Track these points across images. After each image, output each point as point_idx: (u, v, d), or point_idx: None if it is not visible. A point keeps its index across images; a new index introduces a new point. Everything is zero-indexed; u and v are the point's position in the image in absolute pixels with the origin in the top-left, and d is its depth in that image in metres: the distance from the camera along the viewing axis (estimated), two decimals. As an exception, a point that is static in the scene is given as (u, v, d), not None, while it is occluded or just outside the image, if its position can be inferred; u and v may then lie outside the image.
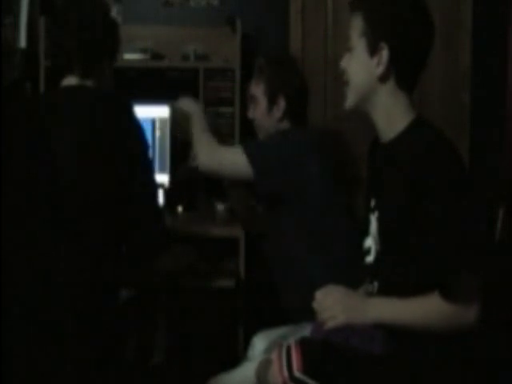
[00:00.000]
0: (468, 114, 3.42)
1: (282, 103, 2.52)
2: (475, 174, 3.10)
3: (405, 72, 1.79)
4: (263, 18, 3.43)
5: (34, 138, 1.84)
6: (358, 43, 1.80)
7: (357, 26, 1.80)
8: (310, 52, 3.42)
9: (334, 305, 1.77)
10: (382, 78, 1.78)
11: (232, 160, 2.39)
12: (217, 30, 3.34)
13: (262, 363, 1.90)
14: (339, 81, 1.88)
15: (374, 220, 1.82)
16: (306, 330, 2.22)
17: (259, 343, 2.35)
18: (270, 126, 2.54)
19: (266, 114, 2.55)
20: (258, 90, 2.56)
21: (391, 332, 1.70)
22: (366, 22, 1.78)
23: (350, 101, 1.84)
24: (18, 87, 3.06)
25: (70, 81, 2.20)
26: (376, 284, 1.82)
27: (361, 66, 1.80)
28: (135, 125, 2.18)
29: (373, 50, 1.77)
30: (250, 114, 2.63)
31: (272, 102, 2.53)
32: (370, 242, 1.84)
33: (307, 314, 2.24)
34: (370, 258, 1.84)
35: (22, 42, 3.13)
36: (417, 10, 1.79)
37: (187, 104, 2.54)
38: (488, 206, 1.86)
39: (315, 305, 1.82)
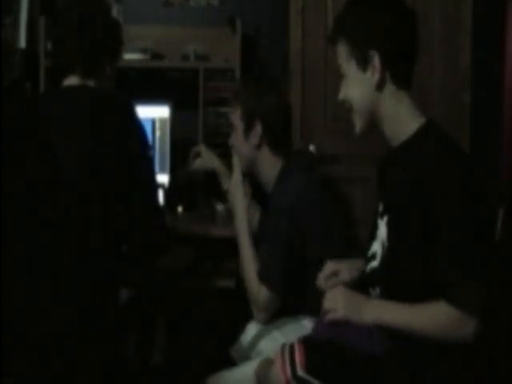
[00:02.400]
0: (468, 113, 3.42)
1: (258, 128, 2.37)
2: (475, 174, 3.10)
3: (399, 69, 1.79)
4: (263, 18, 3.43)
5: (34, 138, 1.84)
6: (349, 67, 1.80)
7: (343, 52, 1.81)
8: (310, 52, 3.42)
9: (338, 298, 1.79)
10: (380, 85, 1.78)
11: (269, 304, 2.28)
12: (217, 29, 3.35)
13: (261, 363, 1.90)
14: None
15: (382, 224, 1.81)
16: (301, 323, 2.25)
17: (252, 328, 2.36)
18: (249, 154, 2.42)
19: (243, 141, 2.42)
20: (234, 116, 2.44)
21: (390, 331, 1.71)
22: (349, 42, 1.79)
23: (360, 124, 1.84)
24: (18, 87, 3.05)
25: (72, 80, 2.20)
26: (378, 290, 1.81)
27: (358, 84, 1.80)
28: (136, 124, 2.18)
29: (364, 64, 1.78)
30: (230, 141, 2.51)
31: (248, 127, 2.39)
32: (376, 247, 1.83)
33: (305, 309, 2.26)
34: (374, 264, 1.83)
35: (22, 42, 3.13)
36: (393, 4, 1.80)
37: (235, 190, 2.42)
38: (488, 206, 1.85)
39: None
